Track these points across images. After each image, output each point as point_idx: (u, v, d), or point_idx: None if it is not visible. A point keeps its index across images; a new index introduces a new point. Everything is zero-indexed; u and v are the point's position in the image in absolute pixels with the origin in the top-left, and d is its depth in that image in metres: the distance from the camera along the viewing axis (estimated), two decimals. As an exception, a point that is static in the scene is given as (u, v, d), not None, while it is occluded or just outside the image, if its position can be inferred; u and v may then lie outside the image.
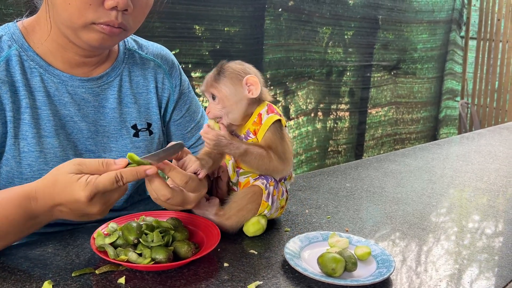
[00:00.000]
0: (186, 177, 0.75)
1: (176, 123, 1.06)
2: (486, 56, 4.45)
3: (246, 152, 0.81)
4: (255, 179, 0.85)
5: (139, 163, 0.73)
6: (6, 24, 0.89)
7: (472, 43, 4.57)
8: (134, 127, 0.96)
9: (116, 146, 0.94)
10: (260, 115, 0.83)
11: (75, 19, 0.79)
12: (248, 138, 0.84)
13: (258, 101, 0.84)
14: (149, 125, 0.98)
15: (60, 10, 0.79)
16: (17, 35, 0.87)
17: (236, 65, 0.83)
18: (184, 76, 1.08)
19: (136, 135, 0.96)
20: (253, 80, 0.81)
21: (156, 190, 0.74)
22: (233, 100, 0.82)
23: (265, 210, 0.85)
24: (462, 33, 4.48)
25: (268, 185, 0.85)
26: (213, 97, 0.83)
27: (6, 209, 0.72)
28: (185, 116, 1.07)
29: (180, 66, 1.09)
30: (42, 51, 0.88)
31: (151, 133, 0.98)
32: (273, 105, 0.85)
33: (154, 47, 1.05)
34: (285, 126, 0.88)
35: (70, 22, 0.80)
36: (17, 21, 0.91)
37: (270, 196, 0.85)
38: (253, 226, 0.85)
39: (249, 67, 0.85)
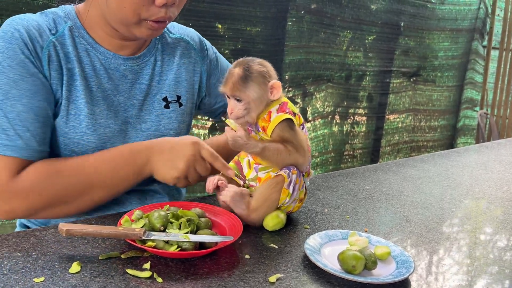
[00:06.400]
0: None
1: (216, 86, 1.16)
2: (508, 66, 4.39)
3: (264, 150, 0.84)
4: (277, 174, 0.87)
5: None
6: (64, 5, 0.99)
7: (494, 53, 4.51)
8: (165, 99, 1.05)
9: (150, 117, 1.02)
10: (270, 112, 0.85)
11: (130, 18, 0.89)
12: (259, 131, 0.87)
13: (272, 100, 0.87)
14: (179, 97, 1.07)
15: (116, 11, 0.89)
16: (72, 15, 0.97)
17: (261, 67, 0.85)
18: (209, 44, 1.19)
19: (167, 106, 1.05)
20: (277, 85, 0.85)
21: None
22: (257, 102, 0.85)
23: (286, 198, 0.87)
24: (485, 43, 4.43)
25: (290, 174, 0.86)
26: (238, 99, 0.84)
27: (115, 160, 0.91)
28: (221, 77, 1.16)
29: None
30: (91, 33, 0.97)
31: (180, 105, 1.07)
32: (289, 104, 0.87)
33: (178, 27, 1.15)
34: (302, 124, 0.89)
35: (125, 21, 0.90)
36: (73, 5, 1.01)
37: (292, 184, 0.86)
38: (272, 220, 0.86)
39: (270, 68, 0.87)
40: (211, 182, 0.88)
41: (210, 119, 2.36)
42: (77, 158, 0.92)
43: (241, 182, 0.92)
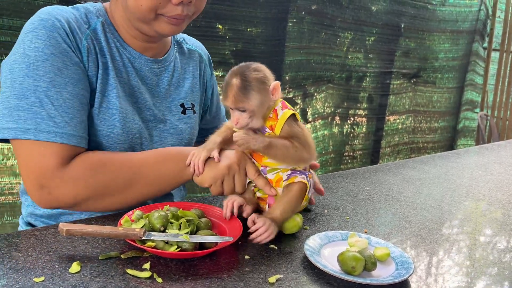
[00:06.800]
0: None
1: (215, 105, 1.27)
2: (508, 68, 4.39)
3: (270, 144, 0.84)
4: (289, 176, 0.88)
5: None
6: (92, 2, 1.01)
7: (494, 55, 4.51)
8: (182, 105, 1.09)
9: (169, 119, 1.07)
10: (275, 111, 0.86)
11: (147, 15, 0.91)
12: (265, 132, 0.87)
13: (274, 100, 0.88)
14: (193, 105, 1.12)
15: (134, 10, 0.91)
16: (102, 11, 1.00)
17: (257, 74, 0.83)
18: None
19: (183, 112, 1.09)
20: (277, 85, 0.85)
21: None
22: (261, 108, 0.84)
23: (304, 202, 0.90)
24: (485, 44, 4.43)
25: (308, 178, 0.89)
26: (242, 110, 0.83)
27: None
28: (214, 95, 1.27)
29: None
30: (119, 32, 1.00)
31: (194, 112, 1.12)
32: (285, 101, 0.90)
33: (193, 40, 1.21)
34: (300, 120, 0.90)
35: (143, 19, 0.92)
36: (102, 2, 1.03)
37: (311, 188, 0.90)
38: (289, 223, 0.87)
39: (266, 71, 0.86)
40: (231, 208, 0.86)
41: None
42: (124, 152, 0.94)
43: (273, 193, 0.89)
